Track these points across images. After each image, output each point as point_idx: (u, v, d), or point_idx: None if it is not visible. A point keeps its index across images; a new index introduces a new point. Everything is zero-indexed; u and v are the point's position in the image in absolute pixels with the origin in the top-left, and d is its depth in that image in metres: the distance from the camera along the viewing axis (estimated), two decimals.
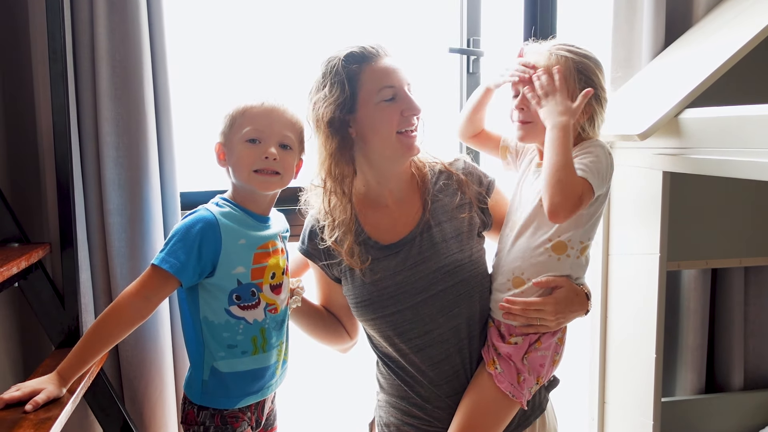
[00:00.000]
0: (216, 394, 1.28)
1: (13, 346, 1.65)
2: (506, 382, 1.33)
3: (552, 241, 1.32)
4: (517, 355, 1.33)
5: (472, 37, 2.05)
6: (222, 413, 1.29)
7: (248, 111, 1.29)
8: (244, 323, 1.27)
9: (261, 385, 1.32)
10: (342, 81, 1.31)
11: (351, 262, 1.36)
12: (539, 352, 1.35)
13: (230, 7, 2.03)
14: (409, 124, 1.33)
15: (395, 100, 1.32)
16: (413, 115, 1.33)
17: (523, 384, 1.34)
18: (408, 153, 1.35)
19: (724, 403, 2.06)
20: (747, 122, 1.35)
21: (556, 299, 1.32)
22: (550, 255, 1.32)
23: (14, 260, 1.38)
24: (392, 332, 1.37)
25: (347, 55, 1.32)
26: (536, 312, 1.31)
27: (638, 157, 1.67)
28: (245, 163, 1.27)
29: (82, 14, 1.56)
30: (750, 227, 1.94)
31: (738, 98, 1.54)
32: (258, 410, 1.35)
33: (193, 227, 1.24)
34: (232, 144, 1.29)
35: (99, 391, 1.57)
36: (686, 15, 1.89)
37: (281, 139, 1.29)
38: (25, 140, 1.62)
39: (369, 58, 1.32)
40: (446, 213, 1.41)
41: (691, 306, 2.00)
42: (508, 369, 1.33)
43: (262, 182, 1.28)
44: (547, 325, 1.33)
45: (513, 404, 1.34)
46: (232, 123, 1.29)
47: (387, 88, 1.32)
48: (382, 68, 1.33)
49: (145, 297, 1.23)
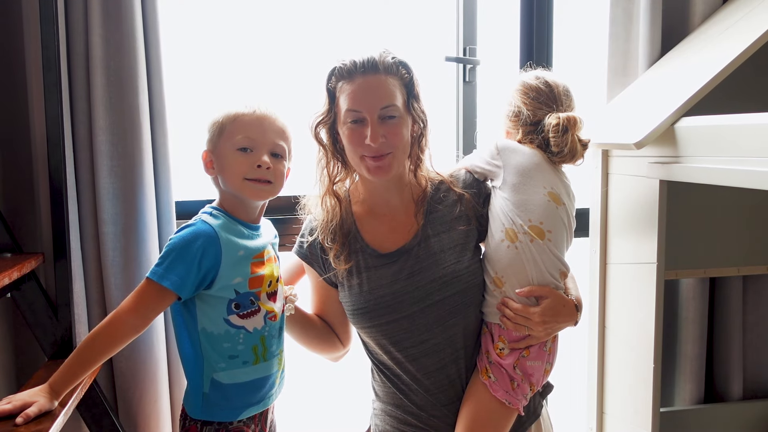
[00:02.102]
0: (218, 407, 1.26)
1: (6, 357, 1.63)
2: (501, 390, 1.33)
3: (504, 230, 1.34)
4: (508, 363, 1.34)
5: (469, 46, 2.05)
6: (227, 427, 1.27)
7: (239, 119, 1.27)
8: (244, 332, 1.25)
9: (263, 395, 1.30)
10: (326, 95, 1.36)
11: (336, 263, 1.38)
12: (528, 362, 1.35)
13: (226, 16, 2.03)
14: (373, 152, 1.31)
15: (362, 124, 1.31)
16: (373, 145, 1.30)
17: (518, 390, 1.34)
18: (376, 177, 1.34)
19: (723, 412, 2.04)
20: (744, 131, 1.35)
21: (542, 309, 1.32)
22: (508, 246, 1.34)
23: (6, 270, 1.37)
24: (388, 341, 1.37)
25: (332, 69, 1.34)
26: (523, 320, 1.32)
27: (634, 165, 1.66)
28: (236, 172, 1.26)
29: (77, 23, 1.56)
30: (748, 236, 1.93)
31: (735, 107, 1.54)
32: (261, 422, 1.33)
33: (194, 242, 1.21)
34: (222, 152, 1.27)
35: (92, 403, 1.55)
36: (683, 24, 1.89)
37: (272, 147, 1.28)
38: (18, 149, 1.61)
39: (347, 76, 1.32)
40: (445, 224, 1.41)
41: (690, 315, 1.99)
42: (500, 377, 1.34)
43: (255, 191, 1.27)
44: (534, 334, 1.33)
45: (510, 411, 1.34)
46: (220, 130, 1.28)
47: (351, 111, 1.31)
48: (355, 89, 1.31)
49: (143, 315, 1.21)
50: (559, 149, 1.36)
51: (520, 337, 1.34)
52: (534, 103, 1.40)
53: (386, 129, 1.31)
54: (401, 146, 1.34)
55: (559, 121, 1.35)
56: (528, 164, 1.37)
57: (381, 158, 1.32)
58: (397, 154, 1.34)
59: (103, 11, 1.55)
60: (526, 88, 1.41)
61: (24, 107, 1.58)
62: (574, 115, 1.37)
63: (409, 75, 1.35)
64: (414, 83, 1.36)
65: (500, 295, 1.36)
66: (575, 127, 1.36)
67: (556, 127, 1.35)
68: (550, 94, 1.40)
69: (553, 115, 1.37)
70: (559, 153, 1.37)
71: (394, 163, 1.34)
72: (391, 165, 1.33)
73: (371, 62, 1.31)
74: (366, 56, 1.31)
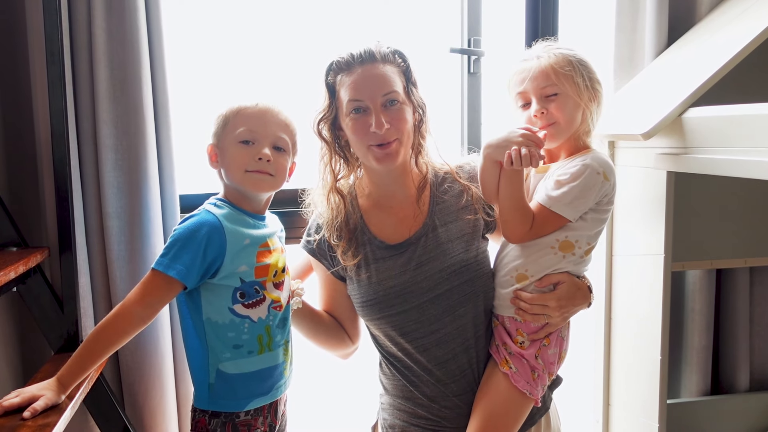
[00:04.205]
0: (224, 397, 1.26)
1: (12, 352, 1.63)
2: (522, 380, 1.33)
3: (560, 240, 1.32)
4: (530, 354, 1.33)
5: (473, 37, 2.04)
6: (234, 421, 1.26)
7: (242, 112, 1.28)
8: (249, 321, 1.25)
9: (270, 386, 1.30)
10: (325, 90, 1.37)
11: (344, 258, 1.39)
12: (550, 350, 1.35)
13: (229, 9, 2.02)
14: (379, 139, 1.32)
15: (365, 113, 1.32)
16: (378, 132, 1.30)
17: (538, 380, 1.34)
18: (383, 165, 1.34)
19: (729, 404, 2.04)
20: (751, 121, 1.34)
21: (558, 295, 1.32)
22: (556, 253, 1.33)
23: (12, 265, 1.37)
24: (397, 332, 1.37)
25: (330, 63, 1.36)
26: (540, 308, 1.32)
27: (642, 157, 1.65)
28: (238, 164, 1.26)
29: (80, 16, 1.55)
30: (755, 227, 1.92)
31: (742, 97, 1.52)
32: (271, 413, 1.33)
33: (198, 231, 1.21)
34: (225, 145, 1.28)
35: (99, 397, 1.56)
36: (689, 13, 1.88)
37: (275, 140, 1.28)
38: (23, 143, 1.61)
39: (346, 68, 1.33)
40: (451, 214, 1.41)
41: (696, 307, 1.98)
42: (522, 367, 1.33)
43: (255, 181, 1.27)
44: (552, 321, 1.33)
45: (528, 402, 1.34)
46: (224, 124, 1.28)
47: (353, 101, 1.32)
48: (355, 80, 1.32)
49: (149, 304, 1.21)
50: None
51: (538, 327, 1.34)
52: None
53: (390, 115, 1.32)
54: (406, 131, 1.34)
55: None
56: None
57: (388, 145, 1.32)
58: (403, 139, 1.34)
59: (106, 4, 1.54)
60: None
61: (28, 101, 1.58)
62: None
63: (405, 63, 1.37)
64: (411, 71, 1.37)
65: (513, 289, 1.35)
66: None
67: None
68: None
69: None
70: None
71: (400, 148, 1.34)
72: (398, 151, 1.34)
73: (368, 52, 1.33)
74: (362, 47, 1.33)
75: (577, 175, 1.28)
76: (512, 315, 1.35)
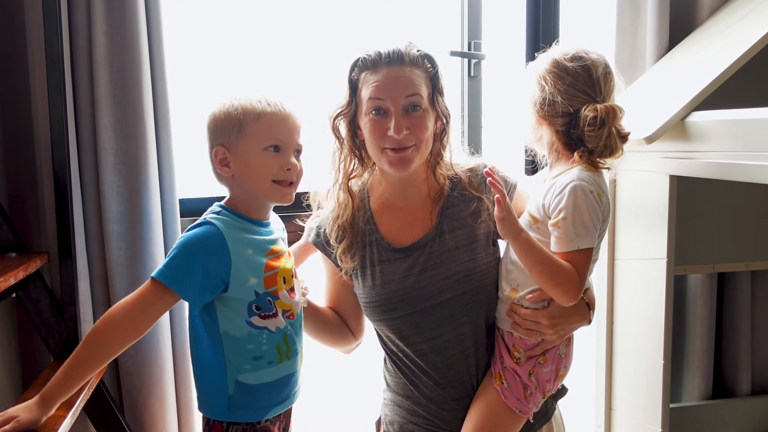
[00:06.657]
0: (245, 407, 1.22)
1: (12, 358, 1.62)
2: (513, 398, 1.31)
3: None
4: (523, 371, 1.31)
5: (474, 41, 2.03)
6: (255, 427, 1.23)
7: (264, 116, 1.20)
8: (267, 332, 1.21)
9: (287, 393, 1.27)
10: (348, 87, 1.33)
11: (342, 260, 1.38)
12: (545, 368, 1.32)
13: (230, 12, 2.02)
14: (394, 143, 1.28)
15: (385, 115, 1.29)
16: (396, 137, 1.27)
17: (530, 398, 1.32)
18: (396, 170, 1.31)
19: (731, 408, 2.04)
20: (754, 125, 1.33)
21: (550, 313, 1.29)
22: None
23: (12, 270, 1.37)
24: (397, 335, 1.37)
25: (355, 60, 1.32)
26: (533, 324, 1.29)
27: (644, 160, 1.65)
28: (264, 173, 1.20)
29: (80, 20, 1.54)
30: (756, 231, 1.92)
31: (745, 101, 1.52)
32: (286, 419, 1.31)
33: (198, 242, 1.17)
34: (244, 151, 1.20)
35: (99, 403, 1.55)
36: (690, 17, 1.88)
37: (297, 147, 1.24)
38: (22, 148, 1.60)
39: (372, 66, 1.29)
40: (461, 220, 1.38)
41: (698, 311, 1.98)
42: (514, 384, 1.31)
43: (282, 194, 1.23)
44: (547, 338, 1.30)
45: (520, 418, 1.33)
46: (239, 127, 1.20)
47: (374, 99, 1.28)
48: (379, 79, 1.28)
49: (142, 307, 1.14)
50: (594, 145, 1.23)
51: (534, 344, 1.31)
52: (571, 90, 1.24)
53: (410, 121, 1.28)
54: (425, 139, 1.31)
55: (596, 114, 1.21)
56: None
57: (403, 150, 1.29)
58: (420, 147, 1.31)
59: (107, 8, 1.53)
60: (561, 72, 1.25)
61: (27, 106, 1.57)
62: (613, 105, 1.24)
63: (434, 69, 1.33)
64: (439, 77, 1.33)
65: (509, 302, 1.33)
66: (614, 119, 1.23)
67: (594, 120, 1.21)
68: (588, 80, 1.25)
69: (590, 106, 1.23)
70: (594, 150, 1.24)
71: (416, 156, 1.30)
72: (413, 158, 1.30)
73: (397, 53, 1.29)
74: (392, 47, 1.29)
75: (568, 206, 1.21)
76: (509, 330, 1.33)
